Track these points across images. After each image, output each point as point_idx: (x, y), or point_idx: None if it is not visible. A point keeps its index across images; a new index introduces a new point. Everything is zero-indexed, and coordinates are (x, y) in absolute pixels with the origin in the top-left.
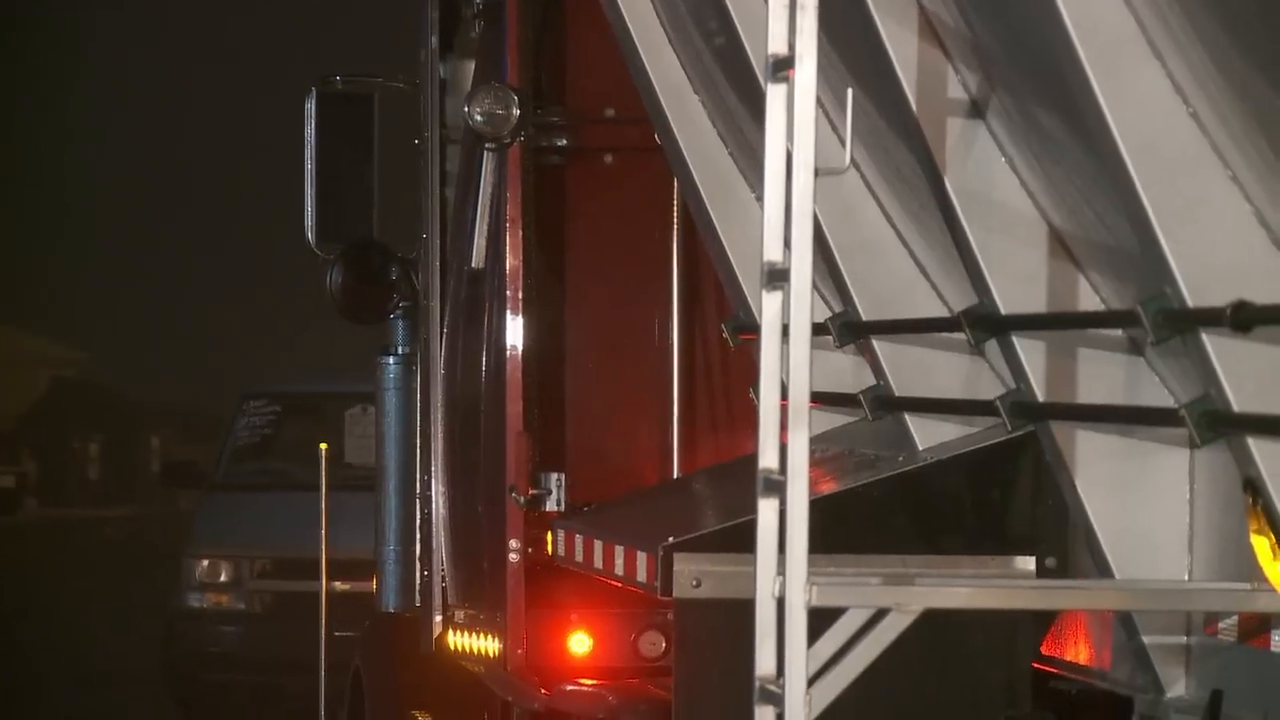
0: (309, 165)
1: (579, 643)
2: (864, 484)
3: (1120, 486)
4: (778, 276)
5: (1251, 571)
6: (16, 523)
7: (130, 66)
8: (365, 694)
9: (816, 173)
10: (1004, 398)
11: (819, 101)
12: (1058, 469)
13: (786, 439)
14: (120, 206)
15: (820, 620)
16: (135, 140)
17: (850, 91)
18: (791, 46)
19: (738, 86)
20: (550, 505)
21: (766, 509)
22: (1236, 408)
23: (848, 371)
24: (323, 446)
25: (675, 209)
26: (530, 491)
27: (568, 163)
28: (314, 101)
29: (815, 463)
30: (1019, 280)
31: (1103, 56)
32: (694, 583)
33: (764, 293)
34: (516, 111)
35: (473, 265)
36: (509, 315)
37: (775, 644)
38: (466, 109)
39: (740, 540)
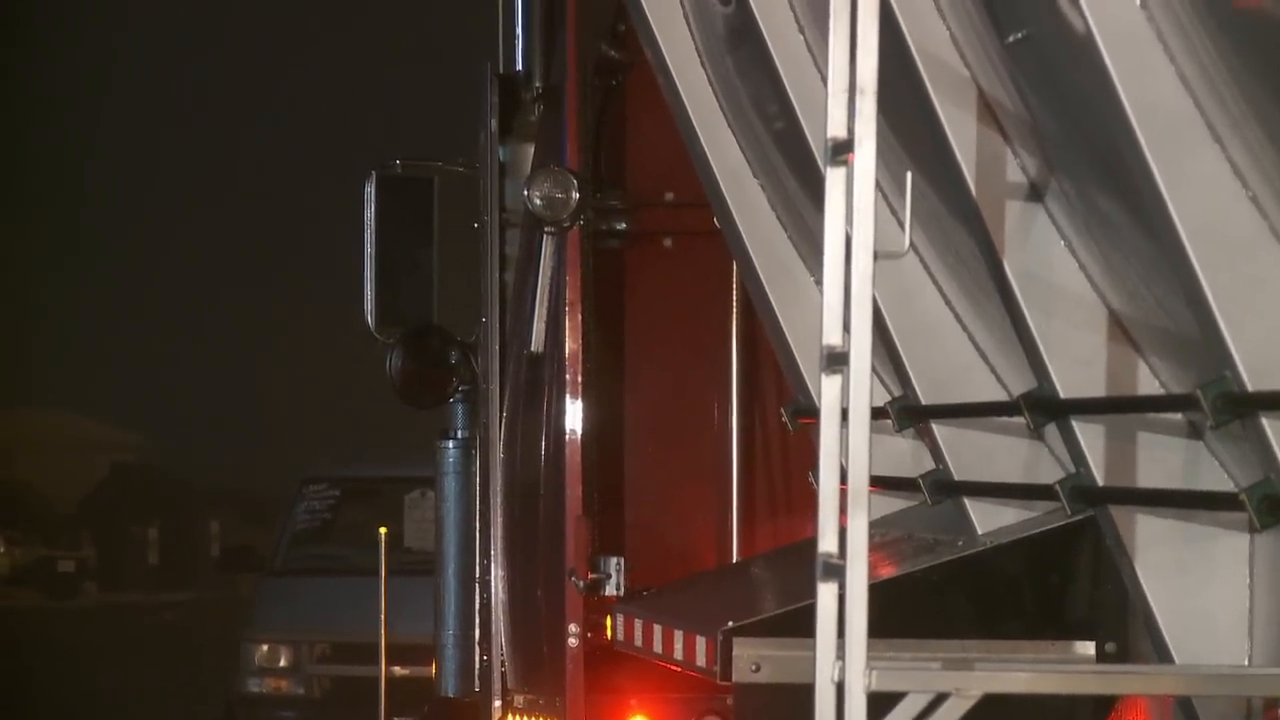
0: (369, 249)
1: None
2: (923, 568)
3: (1180, 571)
4: (837, 360)
5: None
6: (76, 607)
7: (195, 145)
8: None
9: (876, 256)
10: (1063, 482)
11: (878, 185)
12: (1117, 553)
13: (846, 523)
14: (181, 290)
15: (880, 705)
16: (196, 223)
17: (909, 175)
18: (851, 130)
19: (797, 170)
20: (609, 589)
21: (826, 593)
22: None
23: (907, 455)
24: (382, 531)
25: (734, 293)
26: (589, 576)
27: (627, 246)
28: (374, 185)
29: (875, 547)
30: (1078, 364)
31: (1161, 139)
32: (753, 667)
33: (823, 376)
34: (576, 195)
35: (532, 349)
36: (568, 399)
37: None
38: (526, 193)
39: (800, 624)
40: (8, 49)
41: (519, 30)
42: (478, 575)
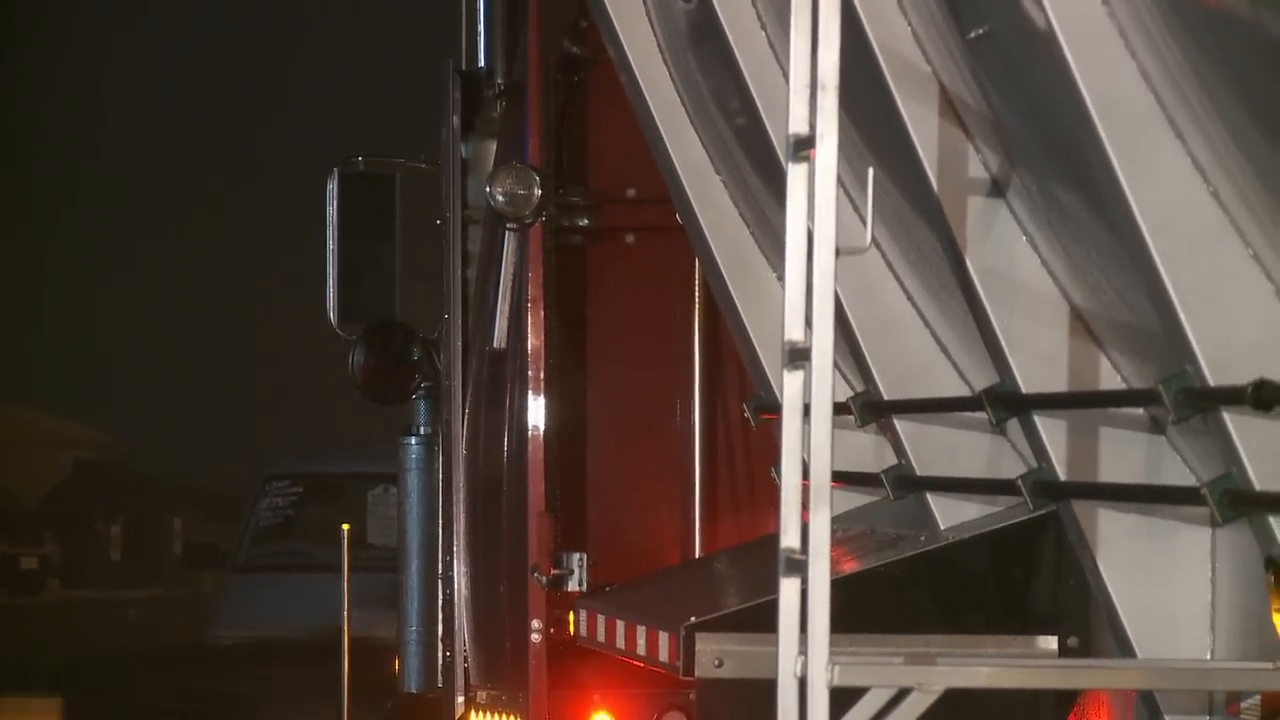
0: (330, 245)
1: None
2: (886, 563)
3: (1142, 565)
4: (799, 356)
5: (1274, 651)
6: (39, 604)
7: (159, 143)
8: None
9: (838, 252)
10: (1025, 477)
11: (840, 181)
12: (1079, 548)
13: (808, 518)
14: (141, 286)
15: (842, 700)
16: (156, 219)
17: (871, 171)
18: (813, 126)
19: (759, 166)
20: (572, 585)
21: (788, 588)
22: (1258, 486)
23: (869, 450)
24: (345, 527)
25: (697, 288)
26: (552, 571)
27: (589, 243)
28: (335, 182)
29: (837, 542)
30: (1040, 359)
31: (1123, 135)
32: (716, 662)
33: (785, 372)
34: (538, 192)
35: (494, 345)
36: (531, 395)
37: None
38: (488, 189)
39: (762, 620)
40: None
41: (481, 27)
42: (441, 571)
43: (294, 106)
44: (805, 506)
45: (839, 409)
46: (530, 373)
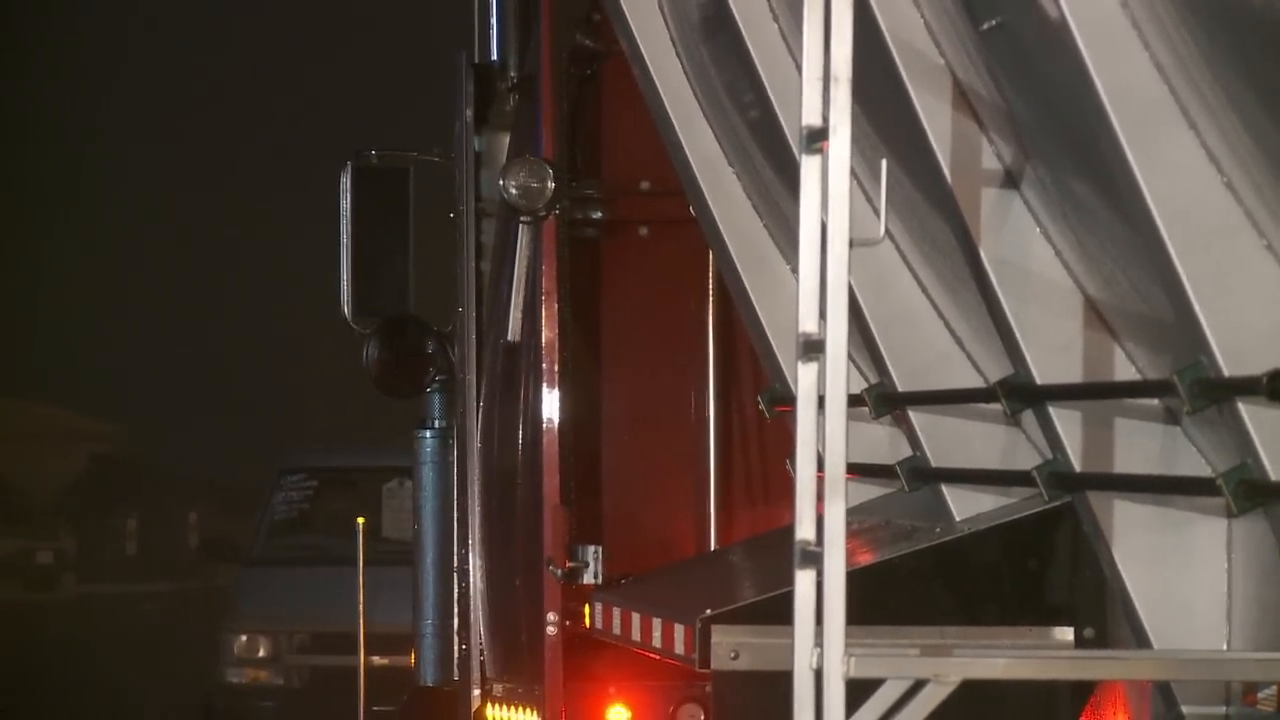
0: (344, 239)
1: (617, 715)
2: (901, 555)
3: (1157, 556)
4: (813, 348)
5: None
6: (55, 599)
7: (170, 136)
8: None
9: (851, 244)
10: (1041, 468)
11: (853, 173)
12: (1095, 539)
13: (823, 510)
14: (158, 282)
15: (858, 691)
16: (173, 215)
17: (884, 163)
18: (826, 118)
19: (772, 158)
20: (587, 578)
21: (804, 580)
22: (1273, 476)
23: (884, 442)
24: (360, 521)
25: (710, 281)
26: (567, 564)
27: (603, 235)
28: (349, 176)
29: (852, 534)
30: (1054, 350)
31: (1136, 126)
32: (732, 655)
33: (800, 364)
34: (551, 185)
35: (509, 338)
36: (545, 388)
37: (813, 716)
38: (502, 182)
39: (778, 612)
40: None
41: (494, 20)
42: (456, 564)
43: (309, 100)
44: (820, 498)
45: (853, 401)
46: (544, 365)
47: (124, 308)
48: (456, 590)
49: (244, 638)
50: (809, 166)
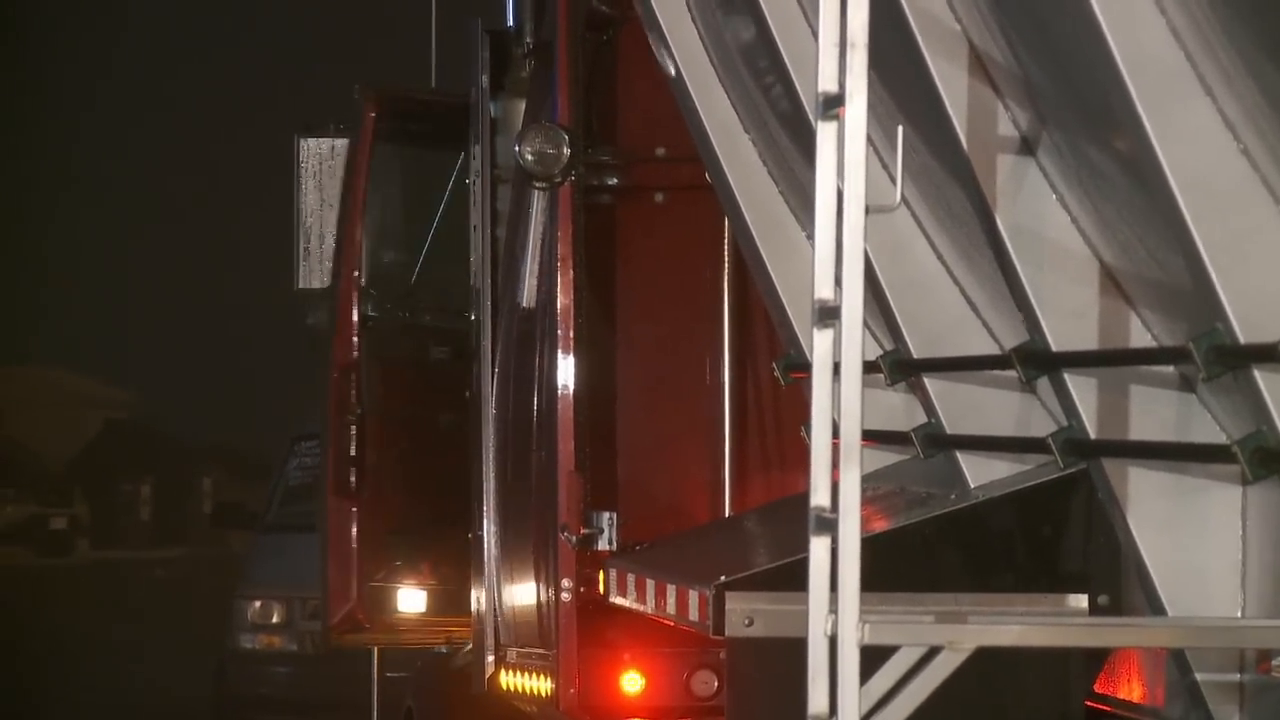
0: (299, 208)
1: (631, 682)
2: (916, 522)
3: (1172, 523)
4: (829, 314)
5: None
6: (69, 564)
7: (186, 103)
8: None
9: (867, 210)
10: (1055, 435)
11: (869, 139)
12: (1110, 506)
13: (838, 477)
14: (173, 251)
15: (873, 658)
16: (187, 185)
17: (901, 129)
18: (842, 85)
19: (788, 125)
20: (602, 544)
21: (818, 547)
22: None
23: (899, 409)
24: None
25: (726, 247)
26: (582, 531)
27: (618, 202)
28: (303, 145)
29: (867, 501)
30: (1070, 317)
31: (1153, 93)
32: (746, 621)
33: (815, 330)
34: (567, 151)
35: (524, 305)
36: (560, 354)
37: (828, 682)
38: (517, 148)
39: (792, 579)
40: None
41: None
42: (470, 531)
43: (320, 63)
44: (835, 465)
45: (869, 367)
46: (560, 332)
47: (138, 275)
48: (471, 557)
49: (257, 604)
50: (825, 133)
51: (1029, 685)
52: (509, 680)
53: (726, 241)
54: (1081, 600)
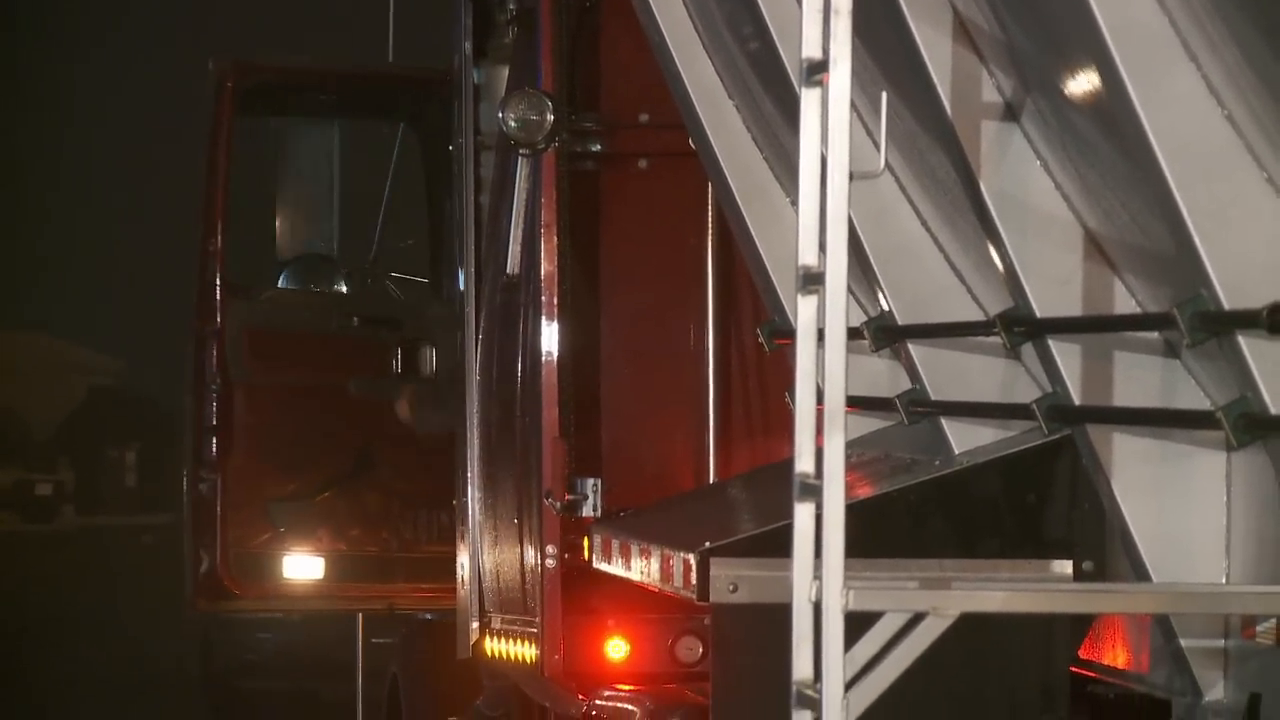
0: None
1: (616, 648)
2: (900, 488)
3: (1157, 489)
4: (813, 280)
5: None
6: (54, 531)
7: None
8: (403, 700)
9: (851, 176)
10: (1040, 401)
11: (853, 105)
12: (1094, 472)
13: (822, 443)
14: (158, 215)
15: (857, 624)
16: (173, 149)
17: (884, 95)
18: (826, 51)
19: (772, 91)
20: (586, 511)
21: (803, 513)
22: (1273, 410)
23: (884, 375)
24: None
25: (710, 213)
26: (566, 497)
27: (602, 168)
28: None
29: (851, 467)
30: (1054, 283)
31: (1137, 59)
32: (731, 587)
33: (799, 297)
34: (551, 117)
35: (508, 271)
36: (544, 321)
37: (812, 648)
38: (501, 115)
39: (777, 545)
40: None
41: None
42: (454, 498)
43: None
44: (819, 431)
45: (853, 334)
46: (544, 298)
47: (124, 239)
48: (456, 524)
49: None
50: (809, 99)
51: (1014, 651)
52: (494, 646)
53: (710, 207)
54: (1066, 566)
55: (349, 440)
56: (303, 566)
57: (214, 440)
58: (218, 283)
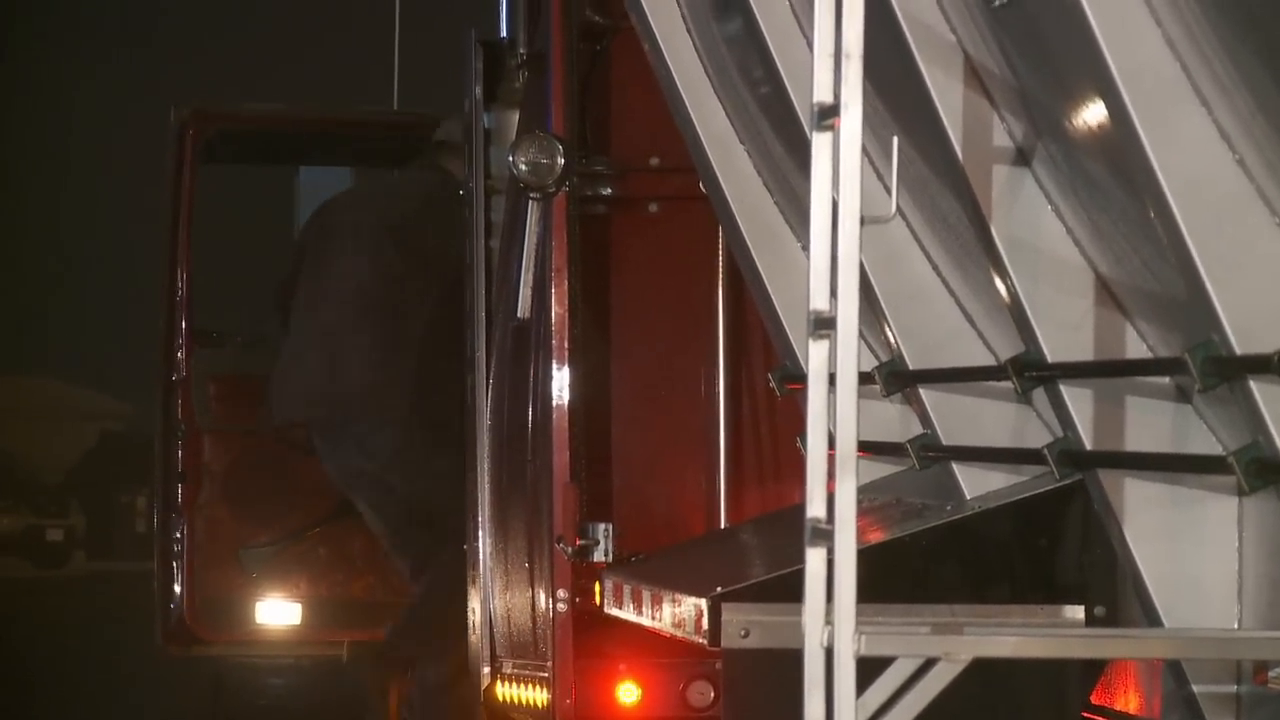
0: None
1: (627, 693)
2: (912, 533)
3: (1169, 534)
4: (824, 325)
5: None
6: (65, 576)
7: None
8: None
9: (862, 221)
10: (1051, 446)
11: (864, 150)
12: (1106, 517)
13: (834, 488)
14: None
15: (869, 670)
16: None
17: (896, 140)
18: (837, 95)
19: (783, 135)
20: (598, 555)
21: (814, 558)
22: None
23: (895, 420)
24: None
25: (720, 258)
26: (578, 542)
27: (613, 212)
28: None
29: (863, 512)
30: (1065, 328)
31: (1148, 103)
32: (742, 632)
33: (810, 341)
34: (561, 161)
35: (518, 316)
36: (555, 365)
37: (824, 694)
38: (511, 158)
39: (788, 590)
40: None
41: None
42: (465, 542)
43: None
44: (831, 476)
45: (864, 378)
46: (554, 343)
47: (135, 286)
48: (467, 568)
49: None
50: (820, 144)
51: (1025, 697)
52: (505, 692)
53: (721, 252)
54: (1078, 611)
55: (322, 485)
56: (278, 612)
57: (179, 487)
58: (183, 329)
